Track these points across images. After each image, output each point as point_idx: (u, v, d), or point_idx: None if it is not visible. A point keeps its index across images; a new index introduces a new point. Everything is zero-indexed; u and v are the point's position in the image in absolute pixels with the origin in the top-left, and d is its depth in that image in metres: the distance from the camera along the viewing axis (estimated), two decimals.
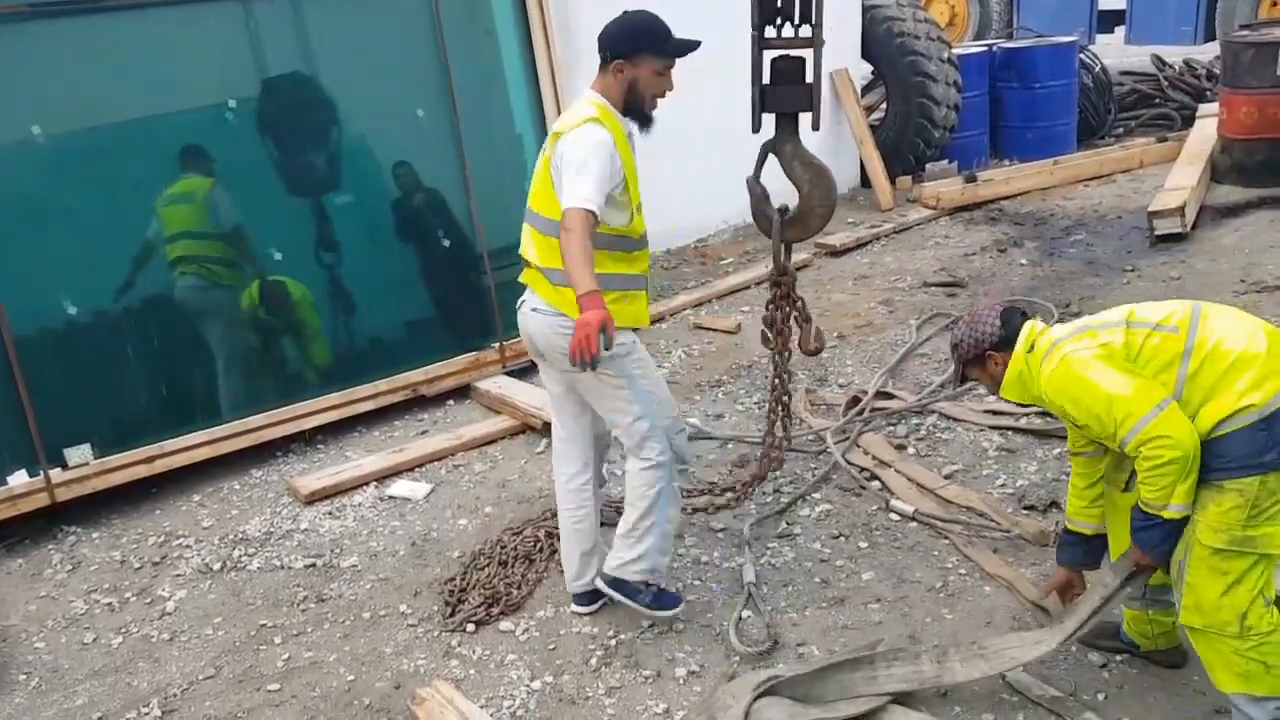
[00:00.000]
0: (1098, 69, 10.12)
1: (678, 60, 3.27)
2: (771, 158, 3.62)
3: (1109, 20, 13.25)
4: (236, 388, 5.02)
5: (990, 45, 9.88)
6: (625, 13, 3.28)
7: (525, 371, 5.68)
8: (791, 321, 3.73)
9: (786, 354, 3.81)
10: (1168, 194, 7.03)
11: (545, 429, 4.95)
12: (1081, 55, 9.88)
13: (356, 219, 5.28)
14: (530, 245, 3.32)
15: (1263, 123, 7.34)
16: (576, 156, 3.06)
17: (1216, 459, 2.53)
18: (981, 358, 2.87)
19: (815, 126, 3.47)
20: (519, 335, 5.83)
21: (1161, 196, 7.01)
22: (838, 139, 8.47)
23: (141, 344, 4.76)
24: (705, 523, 4.11)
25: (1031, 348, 2.78)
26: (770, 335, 3.76)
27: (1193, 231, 6.81)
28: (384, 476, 4.73)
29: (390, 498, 4.58)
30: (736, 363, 5.75)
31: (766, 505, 4.20)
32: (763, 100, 3.50)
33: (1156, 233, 6.74)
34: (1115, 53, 12.54)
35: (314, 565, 4.09)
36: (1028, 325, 2.83)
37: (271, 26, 5.01)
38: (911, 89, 8.54)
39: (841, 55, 8.04)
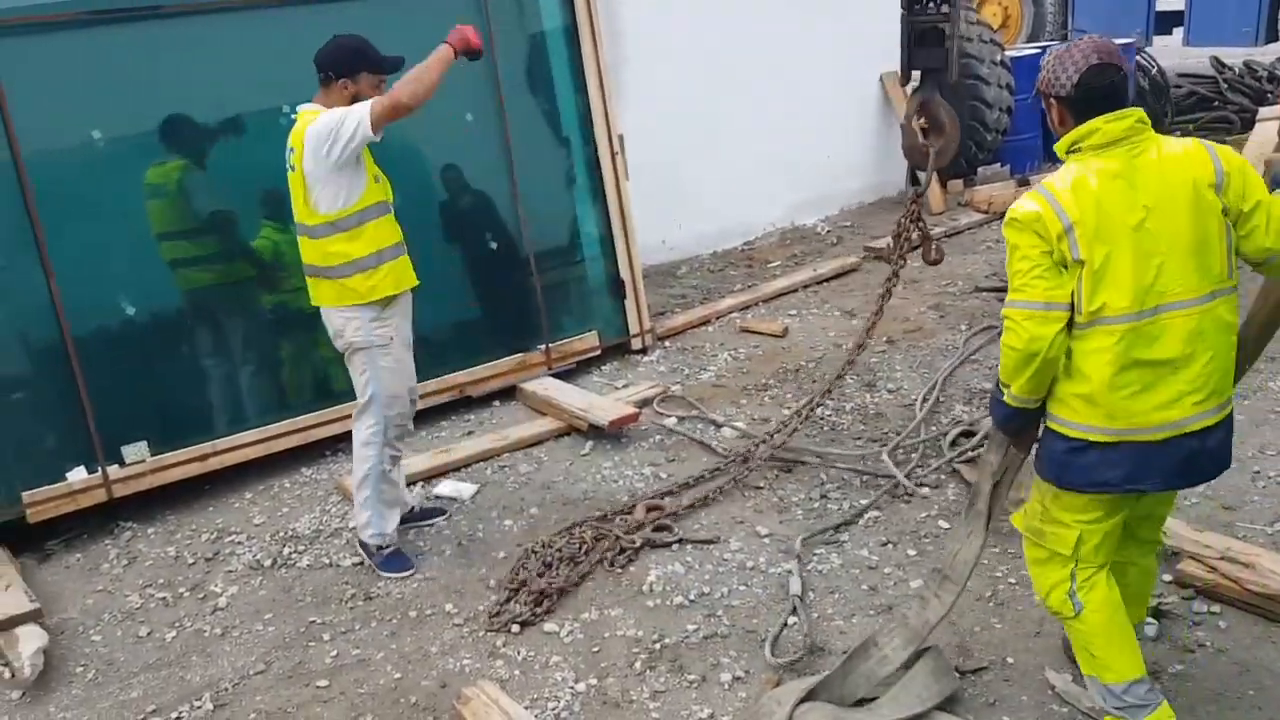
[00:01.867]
0: (1154, 70, 9.93)
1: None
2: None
3: (1167, 21, 12.98)
4: (280, 385, 5.10)
5: (1044, 47, 9.74)
6: (336, 37, 3.79)
7: (571, 373, 5.71)
8: (914, 236, 4.75)
9: (903, 261, 4.80)
10: None
11: (591, 431, 4.98)
12: (1138, 57, 9.70)
13: (405, 222, 5.30)
14: (309, 253, 3.82)
15: None
16: (332, 119, 3.57)
17: (1041, 445, 2.68)
18: (1047, 96, 2.62)
19: (952, 78, 4.59)
20: (566, 336, 5.90)
21: None
22: (889, 140, 8.40)
23: (195, 343, 4.86)
24: (751, 528, 4.09)
25: (1073, 149, 2.54)
26: (895, 243, 4.79)
27: None
28: (431, 476, 4.78)
29: (437, 497, 4.62)
30: (783, 366, 5.72)
31: (813, 513, 4.17)
32: (911, 59, 4.63)
33: None
34: (1173, 54, 12.30)
35: (362, 563, 4.13)
36: (1096, 120, 2.48)
37: (321, 32, 5.07)
38: (963, 91, 8.44)
39: (892, 56, 7.96)
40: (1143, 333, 2.43)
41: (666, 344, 6.19)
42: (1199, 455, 2.51)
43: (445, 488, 4.67)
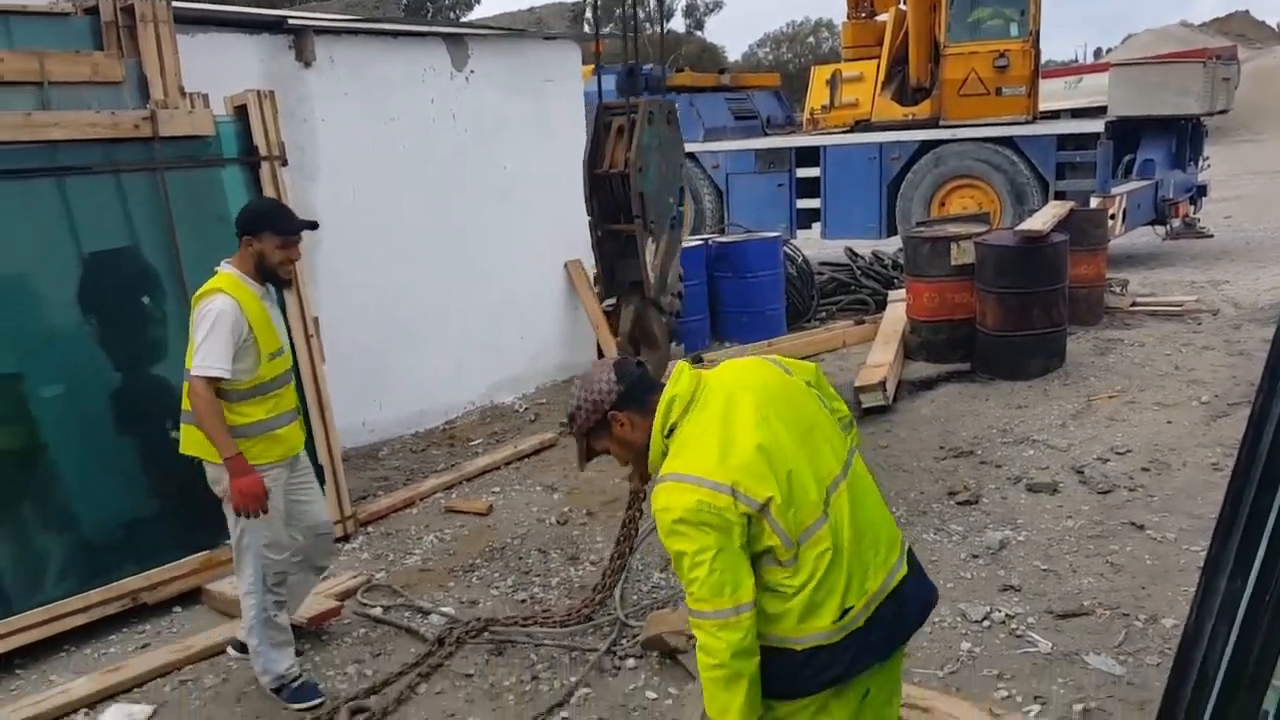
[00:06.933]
0: (800, 260, 11.23)
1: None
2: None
3: (806, 217, 14.92)
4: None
5: (706, 239, 10.80)
6: (252, 199, 4.30)
7: None
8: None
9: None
10: (869, 370, 7.81)
11: None
12: (785, 248, 10.94)
13: (68, 410, 4.85)
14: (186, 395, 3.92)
15: (943, 306, 8.42)
16: (199, 327, 3.73)
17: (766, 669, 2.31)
18: (606, 422, 2.46)
19: (648, 294, 4.94)
20: None
21: (864, 373, 7.76)
22: (574, 324, 8.87)
23: None
24: None
25: (670, 431, 2.38)
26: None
27: (895, 404, 7.58)
28: (96, 701, 4.19)
29: None
30: (490, 545, 5.67)
31: (525, 697, 4.11)
32: (613, 275, 4.91)
33: (863, 406, 7.35)
34: (814, 245, 14.06)
35: None
36: (664, 393, 2.40)
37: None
38: None
39: (575, 248, 8.53)
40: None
41: (369, 529, 5.96)
42: (901, 610, 2.42)
43: (113, 714, 4.10)
